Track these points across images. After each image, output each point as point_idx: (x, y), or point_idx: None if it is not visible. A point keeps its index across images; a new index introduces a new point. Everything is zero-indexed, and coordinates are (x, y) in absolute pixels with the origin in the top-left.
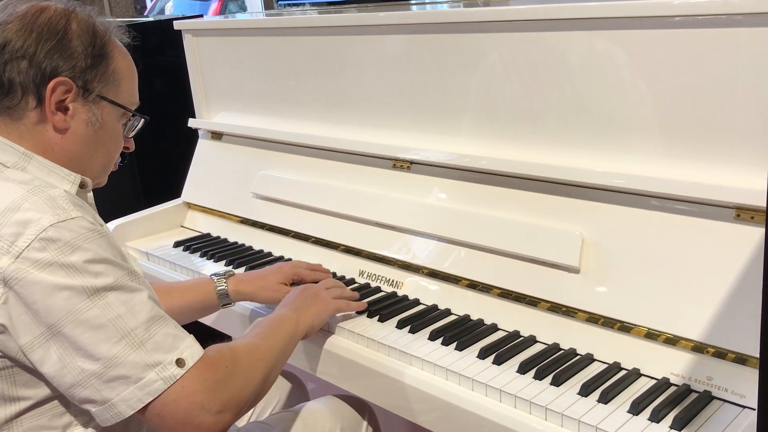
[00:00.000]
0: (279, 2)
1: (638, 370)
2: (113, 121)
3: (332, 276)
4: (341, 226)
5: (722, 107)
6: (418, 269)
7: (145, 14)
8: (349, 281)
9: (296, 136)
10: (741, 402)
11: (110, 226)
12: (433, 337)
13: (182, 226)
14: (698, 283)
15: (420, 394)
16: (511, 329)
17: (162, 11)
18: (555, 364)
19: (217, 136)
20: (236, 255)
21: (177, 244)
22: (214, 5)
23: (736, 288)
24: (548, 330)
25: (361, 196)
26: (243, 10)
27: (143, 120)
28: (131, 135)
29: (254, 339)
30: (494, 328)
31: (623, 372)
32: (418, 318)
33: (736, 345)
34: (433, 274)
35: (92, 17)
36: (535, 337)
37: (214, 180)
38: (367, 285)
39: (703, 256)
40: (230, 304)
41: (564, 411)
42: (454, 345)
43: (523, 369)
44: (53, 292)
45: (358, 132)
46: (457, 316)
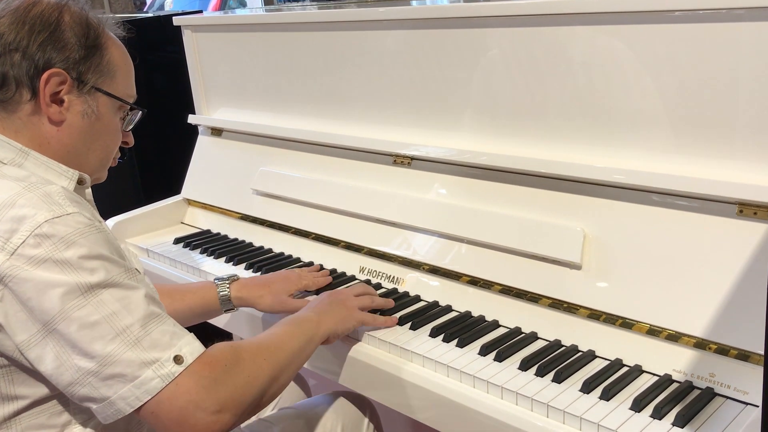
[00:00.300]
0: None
1: (640, 366)
2: (110, 113)
3: (331, 278)
4: (342, 223)
5: (725, 102)
6: (418, 265)
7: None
8: (350, 278)
9: (296, 132)
10: (744, 399)
11: (110, 222)
12: (434, 333)
13: (182, 222)
14: (700, 279)
15: (421, 391)
16: (512, 326)
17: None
18: (556, 361)
19: (217, 132)
20: (236, 252)
21: (177, 241)
22: (214, 1)
23: (738, 284)
24: (550, 326)
25: (362, 193)
26: (243, 5)
27: (141, 113)
28: (129, 128)
29: (265, 338)
30: (495, 324)
31: (625, 369)
32: (419, 314)
33: (739, 341)
34: (434, 270)
35: (85, 10)
36: (536, 333)
37: (214, 176)
38: (367, 281)
39: (705, 252)
40: (233, 309)
41: (566, 408)
42: (455, 342)
43: (524, 366)
44: (47, 289)
45: (359, 128)
46: (458, 313)
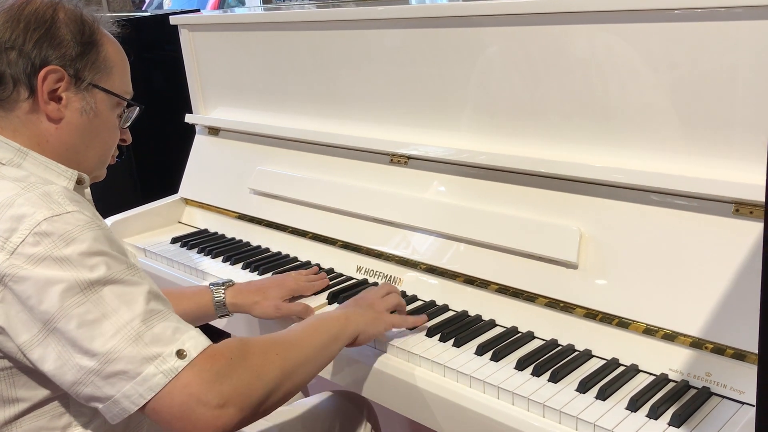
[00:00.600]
0: None
1: (636, 366)
2: (107, 110)
3: (328, 281)
4: (339, 222)
5: (721, 101)
6: (416, 265)
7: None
8: (347, 277)
9: (293, 132)
10: (740, 398)
11: (107, 222)
12: (430, 333)
13: (179, 222)
14: (697, 278)
15: (417, 391)
16: (509, 325)
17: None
18: (553, 361)
19: (214, 131)
20: (233, 251)
21: (174, 240)
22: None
23: (734, 283)
24: (546, 326)
25: (359, 192)
26: (242, 4)
27: (138, 109)
28: (127, 125)
29: (281, 334)
30: (492, 324)
31: (621, 368)
32: (415, 314)
33: (735, 341)
34: (431, 269)
35: (79, 7)
36: (533, 333)
37: (212, 176)
38: (365, 281)
39: (701, 251)
40: (228, 314)
41: (562, 408)
42: (451, 341)
43: (521, 365)
44: (46, 287)
45: (356, 127)
46: (455, 312)
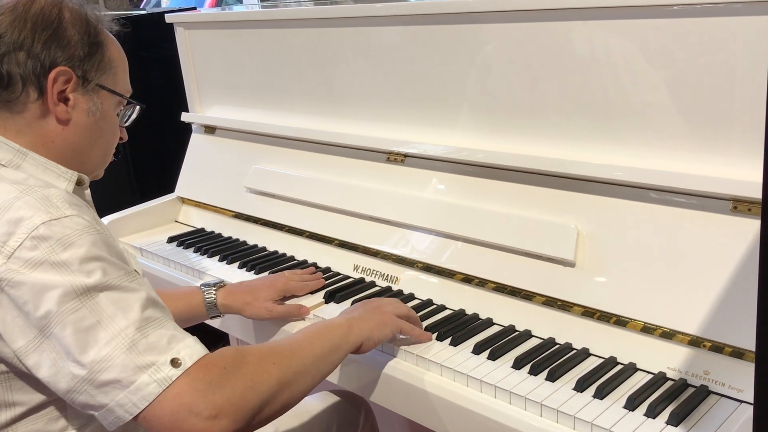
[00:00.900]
0: None
1: (634, 364)
2: (111, 109)
3: (323, 281)
4: (335, 221)
5: (720, 98)
6: (412, 263)
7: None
8: (344, 276)
9: (290, 130)
10: (738, 396)
11: (104, 221)
12: (427, 332)
13: (176, 221)
14: (695, 276)
15: (414, 390)
16: (506, 324)
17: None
18: (550, 359)
19: (210, 130)
20: (230, 250)
21: (171, 240)
22: None
23: (733, 281)
24: (544, 324)
25: (356, 190)
26: (239, 1)
27: (138, 108)
28: (127, 124)
29: (280, 342)
30: (489, 322)
31: (619, 367)
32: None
33: (733, 339)
34: (428, 268)
35: (83, 7)
36: (530, 331)
37: (208, 175)
38: (361, 280)
39: (699, 248)
40: (219, 315)
41: (559, 407)
42: (448, 340)
43: (518, 364)
44: (42, 292)
45: (353, 125)
46: (452, 311)
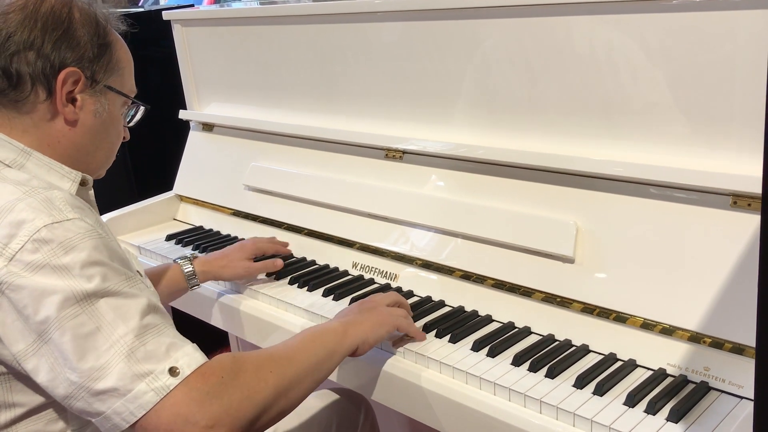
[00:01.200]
0: None
1: (634, 361)
2: (117, 110)
3: (289, 250)
4: (334, 218)
5: (719, 92)
6: (411, 260)
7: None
8: (342, 273)
9: (288, 127)
10: (738, 392)
11: (103, 219)
12: (426, 329)
13: (175, 219)
14: (695, 271)
15: (413, 388)
16: (505, 320)
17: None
18: (550, 356)
19: (208, 127)
20: None
21: (169, 238)
22: None
23: (733, 276)
24: (543, 321)
25: (354, 187)
26: None
27: (143, 108)
28: (131, 124)
29: (276, 349)
30: (489, 319)
31: (619, 363)
32: (411, 310)
33: (734, 334)
34: (427, 265)
35: (92, 6)
36: (529, 328)
37: (206, 172)
38: (360, 277)
39: (699, 244)
40: (198, 285)
41: (559, 404)
42: (447, 337)
43: (517, 361)
44: (42, 297)
45: (351, 122)
46: (451, 308)
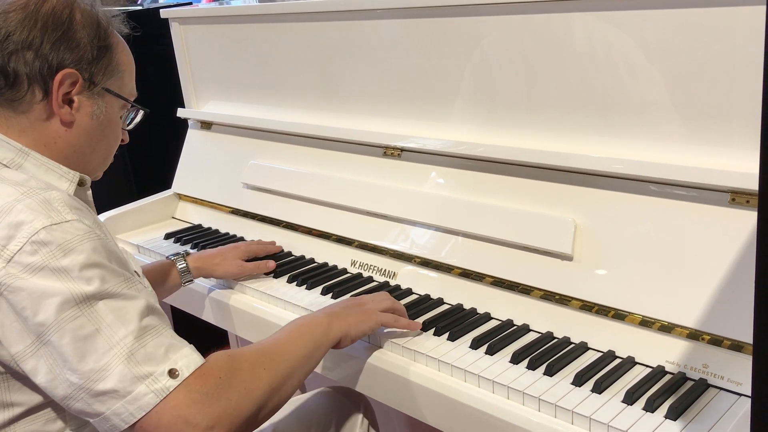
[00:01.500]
0: None
1: (633, 358)
2: (115, 113)
3: (281, 247)
4: (332, 216)
5: (718, 89)
6: (410, 258)
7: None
8: (341, 271)
9: (286, 125)
10: (737, 390)
11: (101, 218)
12: (425, 327)
13: (173, 217)
14: (693, 268)
15: (412, 386)
16: (504, 318)
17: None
18: (548, 354)
19: (206, 125)
20: None
21: (168, 236)
22: None
23: (731, 273)
24: (542, 318)
25: (352, 185)
26: None
27: (142, 112)
28: (130, 127)
29: (267, 345)
30: (487, 317)
31: (617, 361)
32: (410, 308)
33: (732, 332)
34: (426, 263)
35: (94, 7)
36: (528, 326)
37: (205, 170)
38: (359, 275)
39: (697, 241)
40: (191, 281)
41: (557, 402)
42: (446, 335)
43: (516, 359)
44: (41, 299)
45: (350, 120)
46: (449, 306)
